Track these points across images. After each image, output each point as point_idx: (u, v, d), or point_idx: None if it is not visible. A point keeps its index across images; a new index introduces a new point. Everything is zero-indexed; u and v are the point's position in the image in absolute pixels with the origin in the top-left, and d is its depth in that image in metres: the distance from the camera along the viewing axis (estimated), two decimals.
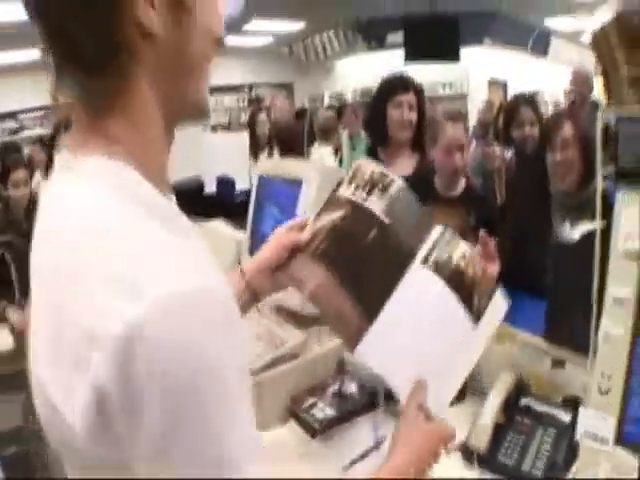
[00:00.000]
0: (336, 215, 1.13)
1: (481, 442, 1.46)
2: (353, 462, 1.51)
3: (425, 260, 1.14)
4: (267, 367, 1.70)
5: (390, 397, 1.58)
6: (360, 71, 12.52)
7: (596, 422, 1.18)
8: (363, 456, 1.53)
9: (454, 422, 1.09)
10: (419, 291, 1.12)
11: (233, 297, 0.65)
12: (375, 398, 1.64)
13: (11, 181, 3.61)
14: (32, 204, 3.54)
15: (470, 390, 1.69)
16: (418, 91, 3.07)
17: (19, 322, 3.15)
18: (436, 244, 1.15)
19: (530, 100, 3.96)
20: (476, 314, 1.14)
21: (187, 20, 0.71)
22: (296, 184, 2.00)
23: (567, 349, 1.62)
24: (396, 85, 3.05)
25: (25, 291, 3.14)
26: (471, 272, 1.15)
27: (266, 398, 1.67)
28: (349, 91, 12.86)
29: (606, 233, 1.28)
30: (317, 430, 1.59)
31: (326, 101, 12.73)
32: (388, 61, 10.95)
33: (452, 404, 1.18)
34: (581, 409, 1.27)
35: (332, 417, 1.62)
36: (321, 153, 5.29)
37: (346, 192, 1.15)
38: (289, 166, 2.31)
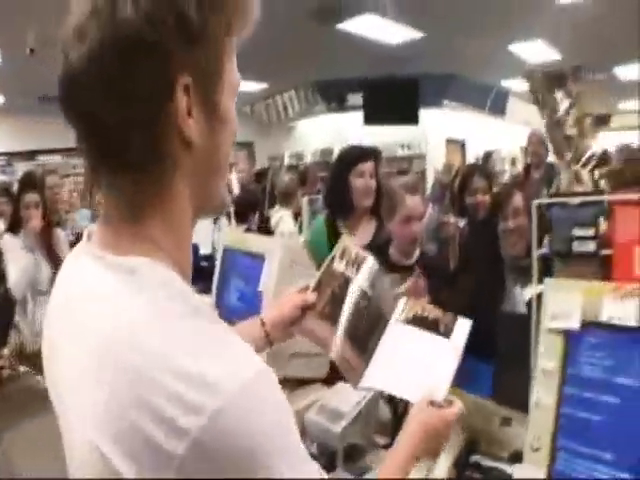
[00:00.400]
0: (335, 284, 1.49)
1: None
2: None
3: (398, 318, 1.52)
4: None
5: (350, 458, 1.69)
6: (320, 132, 12.69)
7: (529, 474, 1.32)
8: None
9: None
10: (399, 335, 1.49)
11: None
12: (334, 458, 1.73)
13: None
14: None
15: None
16: (377, 158, 3.14)
17: None
18: (405, 308, 1.54)
19: (483, 169, 4.18)
20: (446, 334, 1.46)
21: (219, 127, 0.77)
22: (259, 258, 2.20)
23: (513, 409, 1.72)
24: (357, 155, 3.10)
25: None
26: (432, 316, 1.50)
27: None
28: (309, 151, 12.96)
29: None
30: None
31: (286, 161, 12.85)
32: (347, 122, 11.17)
33: None
34: (516, 465, 1.41)
35: None
36: (281, 216, 5.28)
37: (339, 267, 1.53)
38: (253, 240, 2.46)
